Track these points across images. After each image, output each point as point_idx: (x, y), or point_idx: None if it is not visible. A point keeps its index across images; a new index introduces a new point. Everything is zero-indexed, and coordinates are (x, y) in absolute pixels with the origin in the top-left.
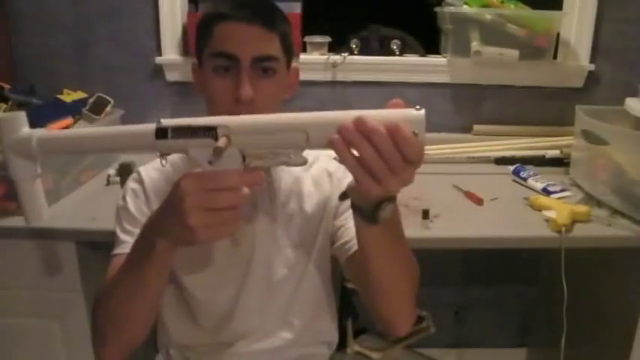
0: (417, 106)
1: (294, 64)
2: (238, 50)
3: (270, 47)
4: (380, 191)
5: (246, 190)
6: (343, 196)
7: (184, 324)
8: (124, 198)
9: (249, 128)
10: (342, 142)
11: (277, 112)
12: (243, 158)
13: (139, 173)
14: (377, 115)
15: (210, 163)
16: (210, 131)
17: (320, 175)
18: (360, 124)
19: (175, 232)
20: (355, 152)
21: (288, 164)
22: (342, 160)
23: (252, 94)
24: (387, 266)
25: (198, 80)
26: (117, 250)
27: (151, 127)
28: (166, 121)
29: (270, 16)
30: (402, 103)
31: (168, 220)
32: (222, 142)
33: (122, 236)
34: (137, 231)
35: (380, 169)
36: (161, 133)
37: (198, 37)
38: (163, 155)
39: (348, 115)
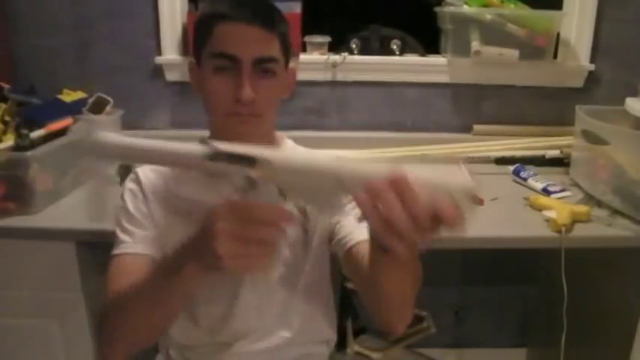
0: (470, 177)
1: (291, 65)
2: (239, 51)
3: (270, 48)
4: (403, 248)
5: (281, 227)
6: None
7: (184, 324)
8: (122, 198)
9: (288, 166)
10: (368, 200)
11: (275, 114)
12: (284, 196)
13: (136, 174)
14: (419, 177)
15: (245, 192)
16: (254, 162)
17: None
18: (397, 184)
19: (204, 257)
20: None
21: (322, 208)
22: (365, 217)
23: (252, 95)
24: (395, 279)
25: (195, 79)
26: (117, 250)
27: (202, 148)
28: (217, 144)
29: (270, 17)
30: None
31: (199, 244)
32: (256, 173)
33: (122, 236)
34: (136, 230)
35: (408, 231)
36: (210, 155)
37: (197, 36)
38: (210, 176)
39: (388, 170)
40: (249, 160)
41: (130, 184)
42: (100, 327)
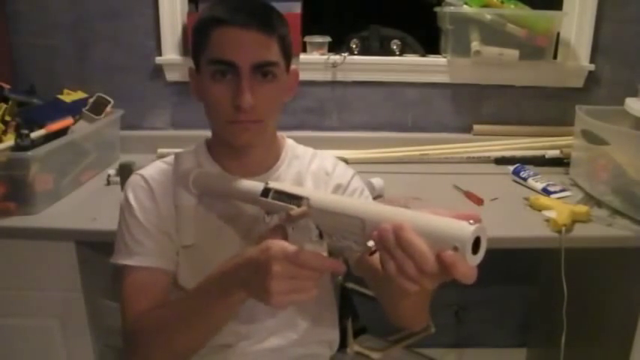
0: (472, 221)
1: (293, 66)
2: (237, 57)
3: (269, 53)
4: (414, 288)
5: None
6: (372, 253)
7: None
8: (127, 202)
9: (321, 204)
10: (379, 243)
11: (278, 116)
12: (320, 233)
13: (142, 176)
14: (422, 223)
15: (289, 227)
16: (299, 200)
17: (319, 174)
18: (397, 234)
19: (254, 290)
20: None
21: (351, 249)
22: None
23: (252, 101)
24: (406, 299)
25: (195, 86)
26: (131, 262)
27: (261, 185)
28: (273, 184)
29: (268, 20)
30: (468, 215)
31: (252, 277)
32: (295, 211)
33: (136, 247)
34: (147, 240)
35: (413, 275)
36: (265, 192)
37: (195, 42)
38: (267, 213)
39: (403, 215)
40: (299, 199)
41: (136, 186)
42: (131, 348)
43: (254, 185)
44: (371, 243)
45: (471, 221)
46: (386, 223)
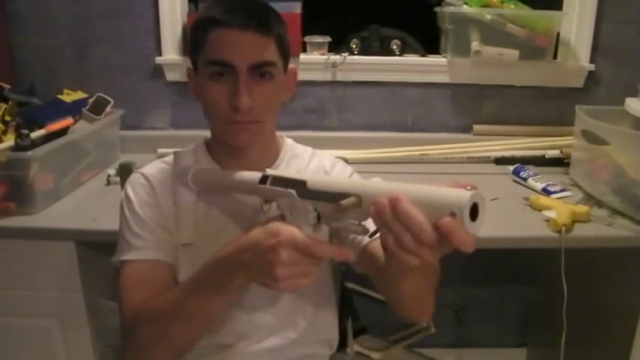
0: (469, 187)
1: (291, 66)
2: (234, 58)
3: (266, 53)
4: (415, 261)
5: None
6: (373, 234)
7: None
8: (128, 199)
9: (318, 186)
10: (379, 223)
11: (276, 116)
12: (319, 216)
13: (142, 173)
14: (419, 194)
15: (287, 212)
16: (297, 184)
17: (318, 173)
18: (393, 205)
19: (258, 275)
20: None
21: (348, 230)
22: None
23: (249, 102)
24: (410, 282)
25: (194, 86)
26: (130, 256)
27: (259, 174)
28: (270, 172)
29: (265, 20)
30: (464, 184)
31: (256, 261)
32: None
33: (133, 240)
34: (147, 234)
35: (412, 247)
36: (263, 179)
37: (193, 42)
38: (266, 201)
39: (399, 188)
40: (290, 183)
41: (136, 183)
42: (129, 339)
43: (252, 175)
44: (370, 223)
45: (468, 187)
46: (382, 197)
